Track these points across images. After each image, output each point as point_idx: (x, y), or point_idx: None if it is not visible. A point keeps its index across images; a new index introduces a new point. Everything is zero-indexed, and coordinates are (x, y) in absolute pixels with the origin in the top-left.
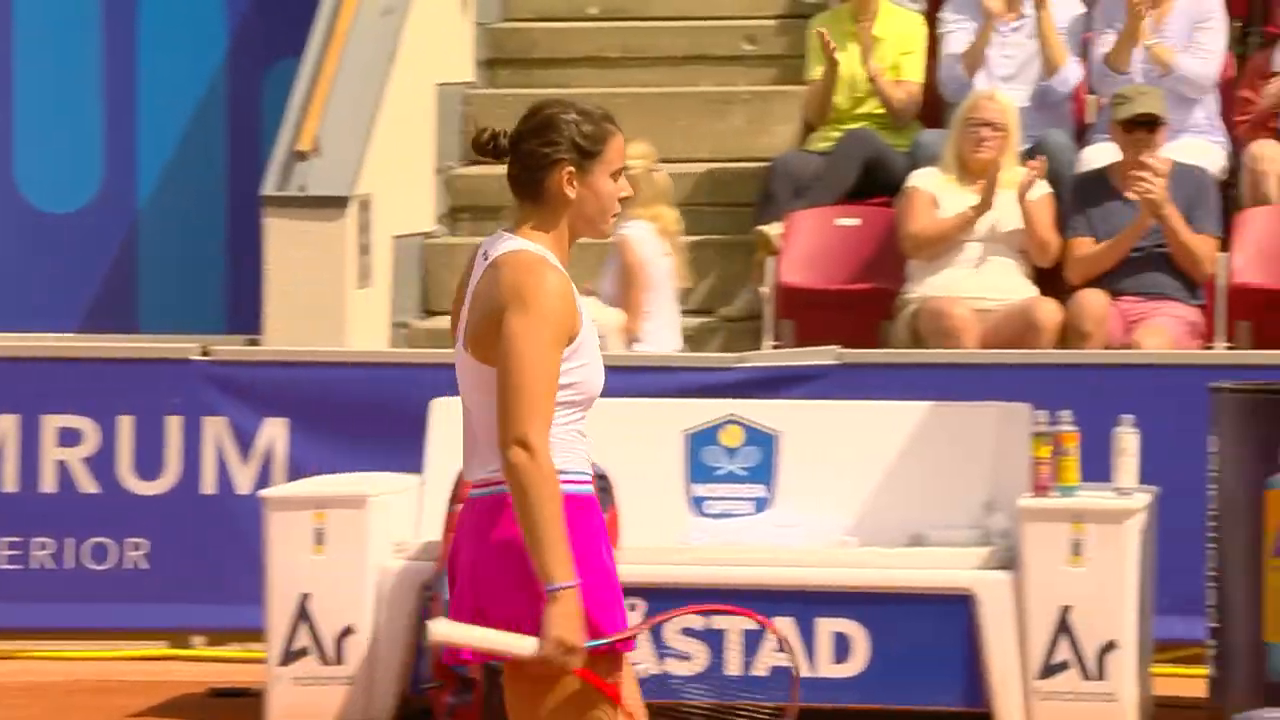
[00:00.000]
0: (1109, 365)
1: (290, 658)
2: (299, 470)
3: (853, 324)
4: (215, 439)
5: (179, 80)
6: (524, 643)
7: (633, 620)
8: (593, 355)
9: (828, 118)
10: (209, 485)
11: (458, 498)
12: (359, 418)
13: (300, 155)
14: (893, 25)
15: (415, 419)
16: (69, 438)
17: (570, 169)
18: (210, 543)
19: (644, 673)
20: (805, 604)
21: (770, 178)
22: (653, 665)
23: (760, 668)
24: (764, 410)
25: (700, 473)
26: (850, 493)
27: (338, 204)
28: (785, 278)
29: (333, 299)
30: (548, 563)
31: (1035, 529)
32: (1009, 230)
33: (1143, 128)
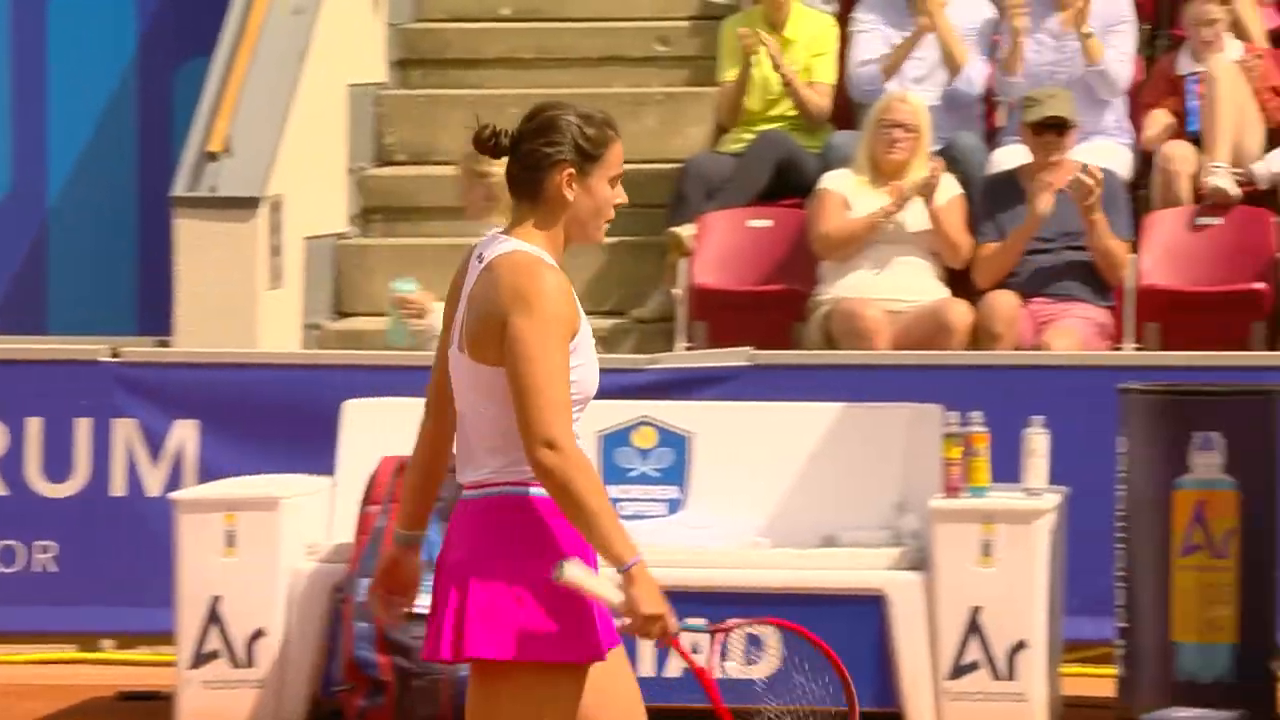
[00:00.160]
0: (1019, 366)
1: (201, 661)
2: (210, 472)
3: (765, 325)
4: (125, 441)
5: (89, 78)
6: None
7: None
8: (589, 355)
9: (740, 119)
10: (119, 488)
11: (370, 499)
12: (270, 419)
13: (211, 156)
14: (805, 27)
15: (327, 421)
16: None
17: (571, 170)
18: (120, 545)
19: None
20: (718, 605)
21: (682, 179)
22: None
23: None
24: (677, 412)
25: (613, 474)
26: (763, 494)
27: (249, 205)
28: (698, 279)
29: (244, 300)
30: (611, 549)
31: (946, 530)
32: (921, 231)
33: (1052, 130)
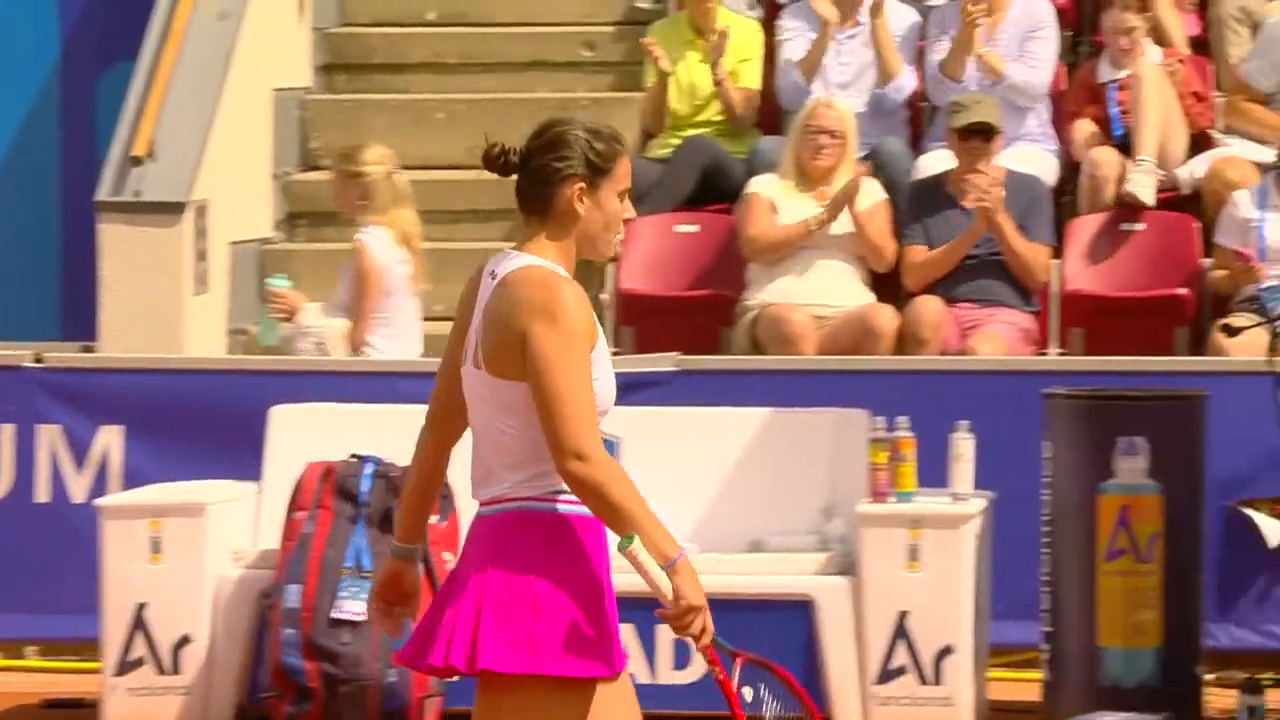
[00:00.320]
0: (945, 371)
1: (126, 668)
2: (135, 478)
3: (692, 330)
4: (49, 447)
5: (11, 83)
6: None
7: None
8: (606, 368)
9: (666, 124)
10: (43, 494)
11: (297, 505)
12: (196, 425)
13: (135, 160)
14: (730, 32)
15: (253, 426)
16: None
17: (581, 185)
18: (44, 552)
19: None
20: (645, 611)
21: None
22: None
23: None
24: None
25: None
26: (690, 499)
27: (174, 210)
28: (625, 284)
29: (169, 305)
30: (656, 545)
31: (873, 534)
32: (845, 236)
33: (978, 136)
